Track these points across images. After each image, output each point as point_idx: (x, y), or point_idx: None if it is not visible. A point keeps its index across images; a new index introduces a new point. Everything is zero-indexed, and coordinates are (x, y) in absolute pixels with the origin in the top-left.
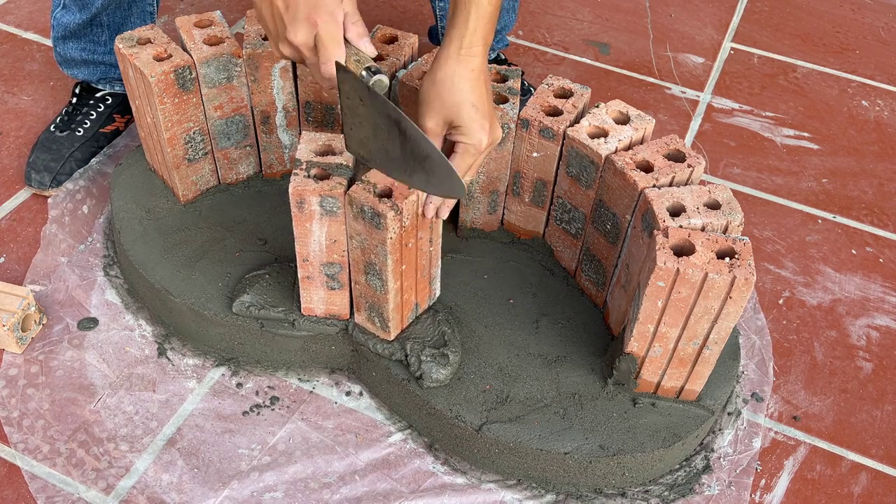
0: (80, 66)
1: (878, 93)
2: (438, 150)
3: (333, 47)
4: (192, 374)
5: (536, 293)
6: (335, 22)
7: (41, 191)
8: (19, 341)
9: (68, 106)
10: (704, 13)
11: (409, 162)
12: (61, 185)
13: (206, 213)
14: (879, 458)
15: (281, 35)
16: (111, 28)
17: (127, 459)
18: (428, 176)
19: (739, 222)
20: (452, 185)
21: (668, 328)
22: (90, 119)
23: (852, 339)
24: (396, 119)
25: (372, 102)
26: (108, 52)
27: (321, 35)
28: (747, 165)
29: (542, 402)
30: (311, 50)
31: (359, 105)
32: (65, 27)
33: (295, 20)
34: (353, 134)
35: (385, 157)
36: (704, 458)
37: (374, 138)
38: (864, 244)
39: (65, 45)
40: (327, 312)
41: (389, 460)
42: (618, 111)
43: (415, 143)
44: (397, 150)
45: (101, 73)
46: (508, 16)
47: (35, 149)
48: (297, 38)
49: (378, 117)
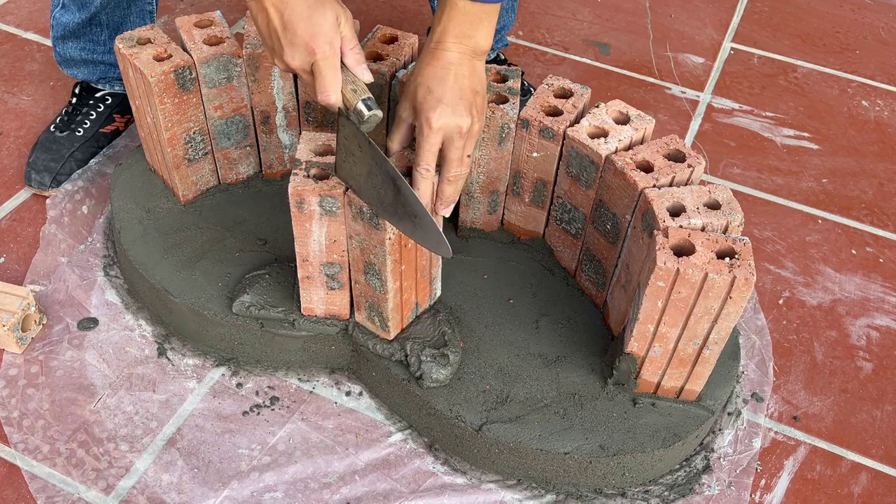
0: (79, 66)
1: (878, 93)
2: (429, 214)
3: (331, 78)
4: (192, 374)
5: (536, 293)
6: (333, 51)
7: (41, 191)
8: (19, 341)
9: (68, 106)
10: (704, 13)
11: (400, 213)
12: (61, 186)
13: (206, 213)
14: (879, 458)
15: (277, 53)
16: (110, 27)
17: (127, 459)
18: (416, 230)
19: (739, 222)
20: (438, 246)
21: (668, 328)
22: (90, 119)
23: (852, 339)
24: (393, 177)
25: (371, 155)
26: (107, 52)
27: (319, 65)
28: (747, 165)
29: (542, 402)
30: (308, 74)
31: (356, 149)
32: (64, 27)
33: (293, 44)
34: (346, 167)
35: (376, 198)
36: (704, 459)
37: (367, 179)
38: (864, 244)
39: (64, 44)
40: (327, 312)
41: (389, 460)
42: (618, 111)
43: (408, 202)
44: (389, 199)
45: (101, 73)
46: (508, 16)
47: (35, 149)
48: (293, 63)
49: (374, 167)
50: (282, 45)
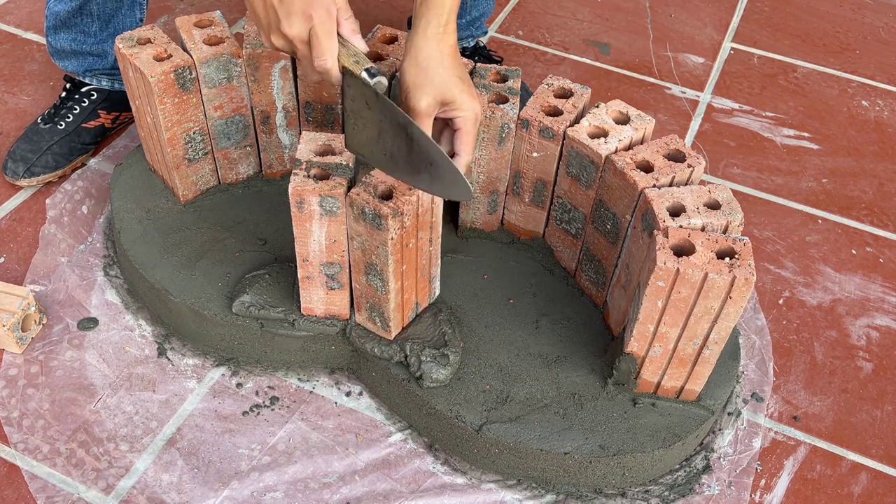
0: (69, 57)
1: (878, 93)
2: (446, 155)
3: (328, 42)
4: (192, 374)
5: (536, 293)
6: (330, 17)
7: (13, 180)
8: (19, 341)
9: (57, 100)
10: (704, 13)
11: (416, 165)
12: (35, 177)
13: (206, 214)
14: (879, 458)
15: (274, 27)
16: (101, 18)
17: (127, 459)
18: (433, 179)
19: (739, 222)
20: (459, 189)
21: (668, 328)
22: (73, 113)
23: (852, 339)
24: (405, 124)
25: (380, 107)
26: (96, 43)
27: (316, 29)
28: (747, 165)
29: (542, 402)
30: (305, 43)
31: (364, 108)
32: (56, 16)
33: (290, 13)
34: (356, 134)
35: (389, 159)
36: (704, 458)
37: (378, 140)
38: (864, 244)
39: (56, 35)
40: (327, 312)
41: (389, 460)
42: (618, 111)
43: (422, 148)
44: (403, 154)
45: (89, 65)
46: (486, 3)
47: (19, 139)
48: (291, 31)
49: (385, 122)
50: (278, 17)
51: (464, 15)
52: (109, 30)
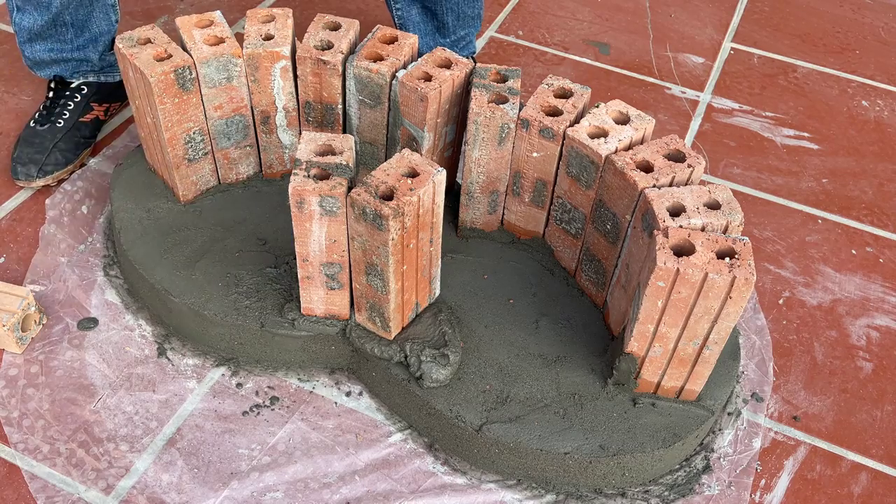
0: (50, 66)
1: (878, 93)
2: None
3: None
4: (192, 374)
5: (536, 293)
6: None
7: (28, 182)
8: (19, 341)
9: (45, 101)
10: (704, 13)
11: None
12: (50, 176)
13: (206, 213)
14: (879, 458)
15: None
16: (76, 25)
17: (127, 459)
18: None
19: (739, 222)
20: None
21: (668, 328)
22: (68, 110)
23: (852, 339)
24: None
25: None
26: (76, 49)
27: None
28: (747, 165)
29: (542, 402)
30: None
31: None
32: (28, 30)
33: None
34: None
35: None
36: (704, 458)
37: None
38: (864, 244)
39: (32, 47)
40: (327, 312)
41: (389, 460)
42: (618, 111)
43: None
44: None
45: (73, 69)
46: (473, 22)
47: (18, 145)
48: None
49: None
50: None
51: (448, 35)
52: (86, 35)
